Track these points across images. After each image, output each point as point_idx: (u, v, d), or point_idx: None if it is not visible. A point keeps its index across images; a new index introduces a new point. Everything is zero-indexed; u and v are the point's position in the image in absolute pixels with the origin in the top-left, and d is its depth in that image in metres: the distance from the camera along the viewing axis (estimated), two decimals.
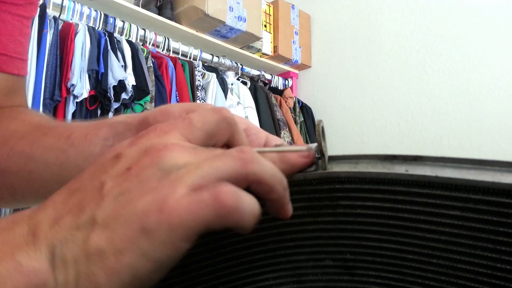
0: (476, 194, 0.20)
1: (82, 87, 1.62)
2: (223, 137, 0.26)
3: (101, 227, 0.20)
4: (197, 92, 2.04)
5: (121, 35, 1.89)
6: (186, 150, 0.23)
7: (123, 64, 1.78)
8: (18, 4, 0.44)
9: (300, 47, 2.64)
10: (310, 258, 0.32)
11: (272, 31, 2.54)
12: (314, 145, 0.26)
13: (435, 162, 0.21)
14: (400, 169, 0.22)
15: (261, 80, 2.51)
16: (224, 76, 2.26)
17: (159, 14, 2.07)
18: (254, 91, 2.37)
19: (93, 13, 1.82)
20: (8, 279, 0.20)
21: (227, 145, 0.27)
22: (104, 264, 0.20)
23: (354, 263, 0.31)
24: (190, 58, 2.15)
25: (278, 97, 2.51)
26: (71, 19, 1.74)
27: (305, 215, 0.28)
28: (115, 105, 1.73)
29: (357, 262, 0.31)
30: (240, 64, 2.40)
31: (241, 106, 2.22)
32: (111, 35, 1.80)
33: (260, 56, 2.51)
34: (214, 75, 2.17)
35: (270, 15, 2.56)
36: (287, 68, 2.67)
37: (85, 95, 1.64)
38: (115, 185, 0.21)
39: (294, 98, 2.55)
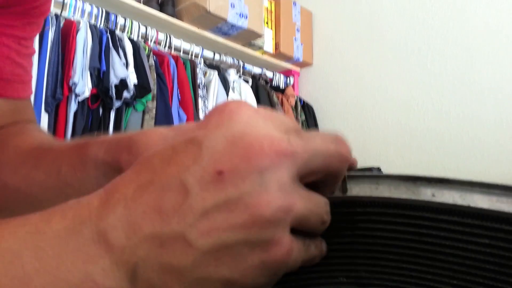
0: (509, 225, 0.19)
1: (84, 85, 1.61)
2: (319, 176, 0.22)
3: (198, 251, 0.17)
4: (199, 90, 2.03)
5: (122, 33, 1.87)
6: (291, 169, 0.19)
7: (124, 62, 1.77)
8: (13, 26, 0.42)
9: (301, 44, 2.63)
10: (322, 276, 0.31)
11: (273, 28, 2.53)
12: None
13: (462, 186, 0.21)
14: (426, 192, 0.21)
15: (262, 79, 2.50)
16: (226, 74, 2.25)
17: (160, 11, 2.05)
18: (255, 89, 2.36)
19: (95, 10, 1.81)
20: None
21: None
22: None
23: (369, 280, 0.30)
24: (191, 55, 2.14)
25: (280, 95, 2.50)
26: (72, 17, 1.73)
27: (322, 236, 0.27)
28: (117, 104, 1.72)
29: (372, 280, 0.30)
30: (242, 62, 2.39)
31: None
32: (112, 33, 1.79)
33: (261, 53, 2.50)
34: (216, 73, 2.16)
35: (271, 12, 2.54)
36: (288, 66, 2.65)
37: (87, 94, 1.63)
38: (203, 191, 0.18)
39: (296, 97, 2.54)
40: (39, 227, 0.19)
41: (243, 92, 2.27)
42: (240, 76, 2.35)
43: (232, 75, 2.27)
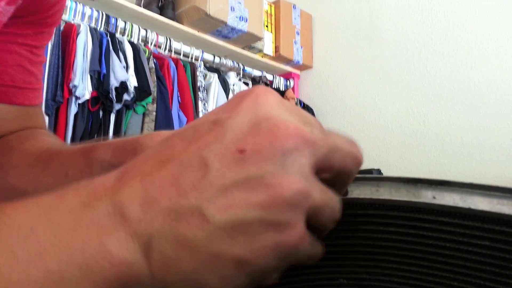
0: (510, 227, 0.19)
1: (84, 88, 1.62)
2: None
3: (214, 226, 0.17)
4: (199, 93, 2.04)
5: (122, 36, 1.88)
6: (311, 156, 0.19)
7: (125, 65, 1.77)
8: (25, 35, 0.42)
9: (301, 47, 2.63)
10: (323, 277, 0.31)
11: (273, 31, 2.54)
12: None
13: (463, 188, 0.21)
14: (426, 194, 0.21)
15: (262, 81, 2.50)
16: (226, 77, 2.26)
17: (160, 15, 2.06)
18: None
19: (95, 14, 1.81)
20: (97, 269, 0.17)
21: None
22: (219, 271, 0.18)
23: (370, 282, 0.30)
24: (191, 58, 2.14)
25: None
26: (73, 20, 1.74)
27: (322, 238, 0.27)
28: (117, 106, 1.72)
29: (372, 282, 0.30)
30: (242, 65, 2.39)
31: None
32: (113, 36, 1.80)
33: (261, 56, 2.50)
34: (215, 75, 2.17)
35: (271, 15, 2.55)
36: (288, 68, 2.66)
37: (87, 96, 1.63)
38: (224, 168, 0.18)
39: (296, 99, 2.54)
40: (52, 203, 0.19)
41: None
42: (240, 79, 2.35)
43: (232, 77, 2.27)
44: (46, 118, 1.56)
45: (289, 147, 0.18)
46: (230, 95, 2.18)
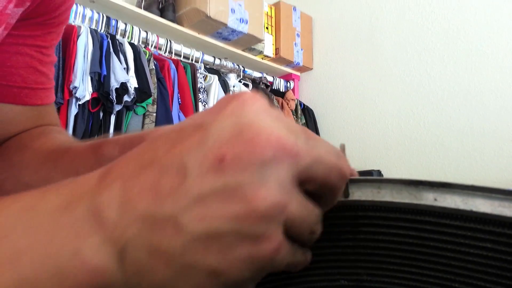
0: (511, 229, 0.19)
1: (84, 89, 1.62)
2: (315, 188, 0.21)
3: (188, 236, 0.17)
4: (199, 94, 2.04)
5: (123, 38, 1.88)
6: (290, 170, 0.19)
7: (125, 66, 1.77)
8: (34, 36, 0.43)
9: (301, 49, 2.63)
10: (324, 278, 0.31)
11: (273, 33, 2.54)
12: None
13: (464, 190, 0.21)
14: (428, 197, 0.21)
15: (263, 82, 2.50)
16: (226, 79, 2.26)
17: (161, 16, 2.06)
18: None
19: (95, 16, 1.81)
20: (70, 274, 0.17)
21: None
22: (193, 281, 0.17)
23: (370, 284, 0.30)
24: (192, 60, 2.15)
25: (280, 99, 2.51)
26: (73, 22, 1.74)
27: (323, 239, 0.27)
28: (117, 108, 1.72)
29: (373, 283, 0.30)
30: (242, 66, 2.39)
31: None
32: (113, 38, 1.80)
33: (261, 58, 2.50)
34: (216, 77, 2.17)
35: (271, 17, 2.55)
36: (288, 70, 2.66)
37: (88, 97, 1.63)
38: (202, 176, 0.18)
39: (296, 100, 2.54)
40: (32, 203, 0.19)
41: None
42: (240, 80, 2.35)
43: (232, 79, 2.27)
44: None
45: (269, 158, 0.18)
46: None
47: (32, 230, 0.17)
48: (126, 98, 1.72)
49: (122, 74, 1.71)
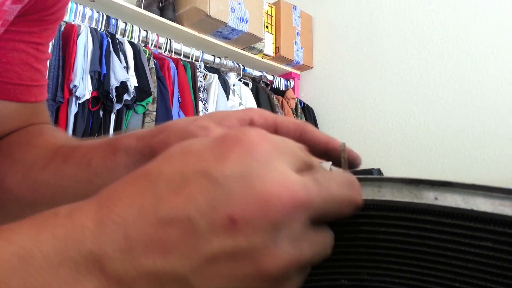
0: None
1: (84, 88, 1.62)
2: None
3: None
4: (199, 93, 2.04)
5: (123, 37, 1.88)
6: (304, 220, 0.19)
7: (125, 65, 1.77)
8: (31, 32, 0.43)
9: (301, 48, 2.63)
10: (324, 278, 0.31)
11: (273, 32, 2.54)
12: (329, 164, 0.25)
13: (465, 189, 0.21)
14: (428, 196, 0.21)
15: (263, 81, 2.50)
16: (226, 77, 2.26)
17: (161, 16, 2.06)
18: (256, 92, 2.37)
19: (95, 15, 1.81)
20: None
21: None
22: None
23: (371, 283, 0.30)
24: (192, 59, 2.15)
25: (280, 98, 2.51)
26: (73, 21, 1.74)
27: None
28: (117, 106, 1.72)
29: (374, 283, 0.30)
30: (242, 65, 2.39)
31: (243, 107, 2.22)
32: (113, 37, 1.80)
33: (261, 57, 2.50)
34: (216, 76, 2.17)
35: (271, 16, 2.55)
36: (288, 69, 2.66)
37: (88, 96, 1.63)
38: (213, 236, 0.17)
39: (296, 99, 2.54)
40: (26, 248, 0.17)
41: (243, 95, 2.28)
42: (240, 79, 2.35)
43: (232, 78, 2.27)
44: None
45: (281, 219, 0.18)
46: (230, 95, 2.18)
47: (29, 283, 0.17)
48: (126, 97, 1.72)
49: (122, 73, 1.71)
